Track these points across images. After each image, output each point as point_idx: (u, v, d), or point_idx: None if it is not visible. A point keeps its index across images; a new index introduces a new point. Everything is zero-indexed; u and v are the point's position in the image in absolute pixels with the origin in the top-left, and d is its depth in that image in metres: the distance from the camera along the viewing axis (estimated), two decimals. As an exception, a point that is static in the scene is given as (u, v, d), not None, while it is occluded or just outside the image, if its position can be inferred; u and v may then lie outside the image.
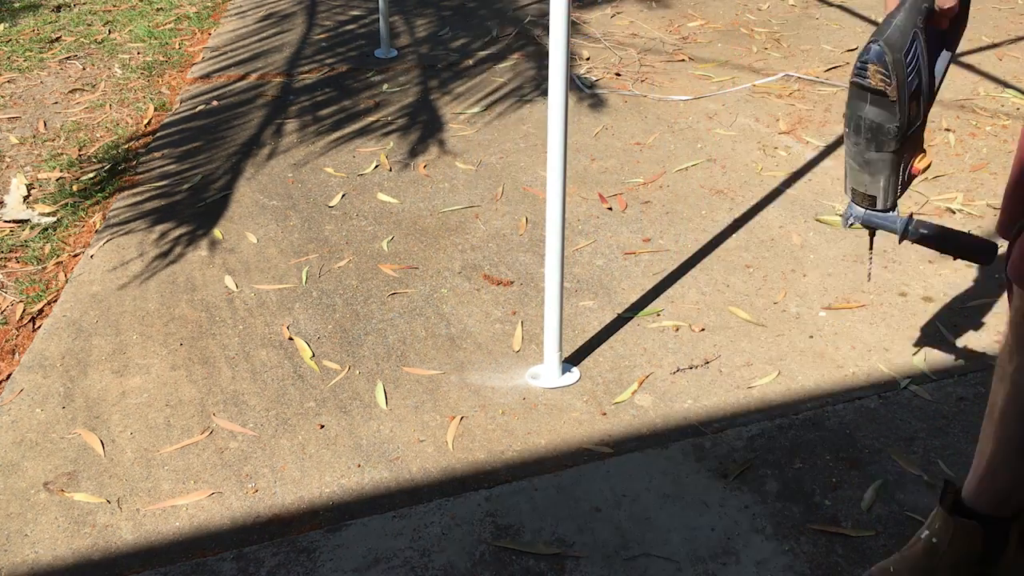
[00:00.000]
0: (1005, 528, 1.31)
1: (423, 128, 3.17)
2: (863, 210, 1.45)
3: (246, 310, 2.26)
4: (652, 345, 2.10)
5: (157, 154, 3.03)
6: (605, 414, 1.91)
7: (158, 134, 3.16)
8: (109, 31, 4.13)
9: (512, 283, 2.34)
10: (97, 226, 2.63)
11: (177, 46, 3.96)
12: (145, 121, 3.26)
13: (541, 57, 3.73)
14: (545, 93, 3.39)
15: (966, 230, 2.49)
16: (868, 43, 1.33)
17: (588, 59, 3.71)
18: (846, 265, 2.36)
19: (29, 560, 1.62)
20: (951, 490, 1.32)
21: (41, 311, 2.29)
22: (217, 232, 2.58)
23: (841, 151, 2.91)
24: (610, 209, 2.65)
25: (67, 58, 3.82)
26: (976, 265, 2.34)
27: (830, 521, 1.63)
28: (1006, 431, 1.24)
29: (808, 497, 1.69)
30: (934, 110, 3.14)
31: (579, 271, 2.37)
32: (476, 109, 3.29)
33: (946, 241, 1.42)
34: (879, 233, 1.54)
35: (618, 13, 4.23)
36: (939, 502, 1.35)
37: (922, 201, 2.63)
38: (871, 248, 1.59)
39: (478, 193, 2.75)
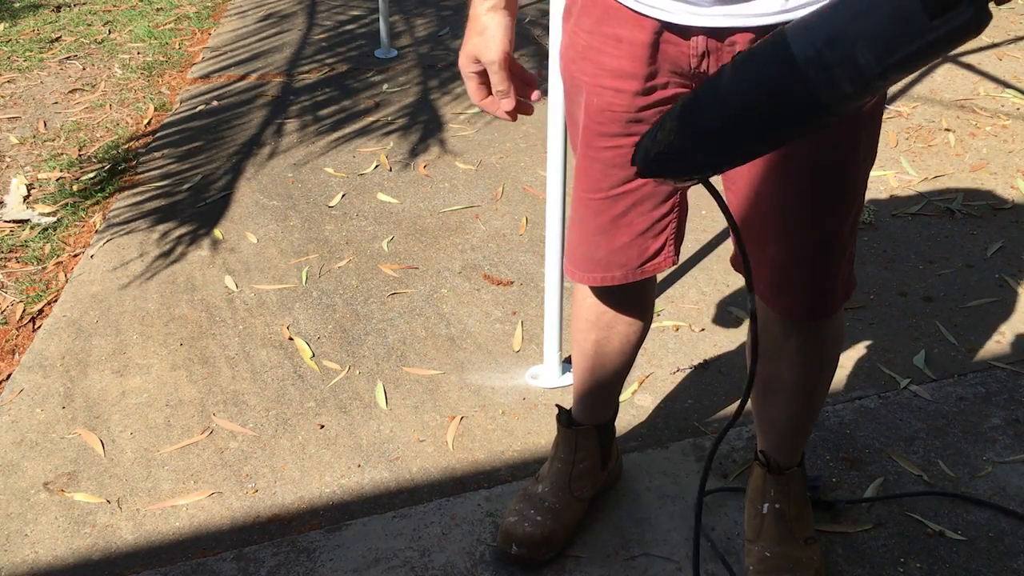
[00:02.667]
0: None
1: (423, 128, 3.17)
2: None
3: (246, 310, 2.26)
4: (652, 345, 2.10)
5: (157, 154, 3.03)
6: (605, 414, 1.91)
7: (158, 134, 3.16)
8: (109, 31, 4.13)
9: (512, 283, 2.34)
10: (97, 226, 2.63)
11: (177, 46, 3.96)
12: (145, 121, 3.27)
13: (541, 57, 3.73)
14: (545, 93, 3.39)
15: (968, 232, 2.49)
16: None
17: (588, 59, 3.71)
18: (846, 265, 2.37)
19: (29, 560, 1.63)
20: (563, 411, 1.62)
21: (41, 311, 2.29)
22: (217, 232, 2.58)
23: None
24: (610, 209, 2.65)
25: (67, 58, 3.82)
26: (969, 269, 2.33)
27: (830, 521, 1.63)
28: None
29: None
30: (934, 110, 3.14)
31: (579, 271, 2.37)
32: (476, 109, 3.29)
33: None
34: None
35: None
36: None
37: (922, 201, 2.63)
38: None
39: (478, 193, 2.75)
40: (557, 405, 1.62)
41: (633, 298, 1.46)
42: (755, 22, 1.08)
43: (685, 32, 1.12)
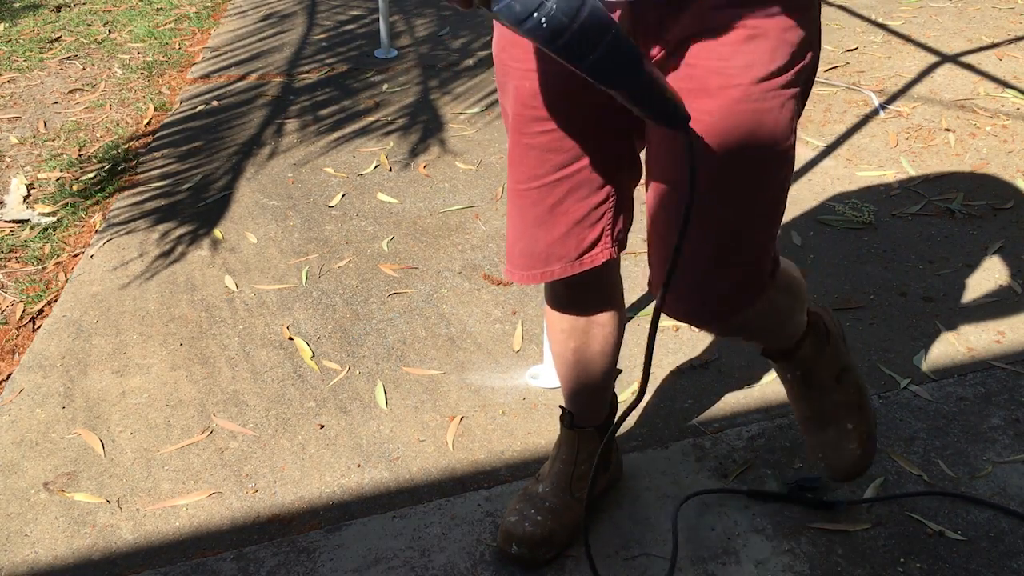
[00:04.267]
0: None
1: (423, 128, 3.17)
2: None
3: (246, 310, 2.26)
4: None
5: (157, 154, 3.03)
6: (605, 414, 1.91)
7: (158, 134, 3.16)
8: (109, 31, 4.13)
9: (512, 283, 2.34)
10: (97, 226, 2.63)
11: (177, 46, 3.96)
12: (145, 121, 3.27)
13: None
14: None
15: (968, 232, 2.49)
16: None
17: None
18: (846, 265, 2.36)
19: (29, 560, 1.63)
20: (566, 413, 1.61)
21: (41, 311, 2.29)
22: (217, 232, 2.58)
23: (841, 151, 2.92)
24: (610, 209, 2.65)
25: (67, 58, 3.82)
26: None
27: (830, 521, 1.63)
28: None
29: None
30: (934, 110, 3.14)
31: (579, 271, 2.37)
32: (476, 109, 3.30)
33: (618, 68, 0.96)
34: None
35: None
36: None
37: (922, 201, 2.63)
38: None
39: (478, 193, 2.75)
40: (561, 406, 1.61)
41: (600, 297, 1.46)
42: None
43: (609, 6, 1.12)
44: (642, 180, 1.38)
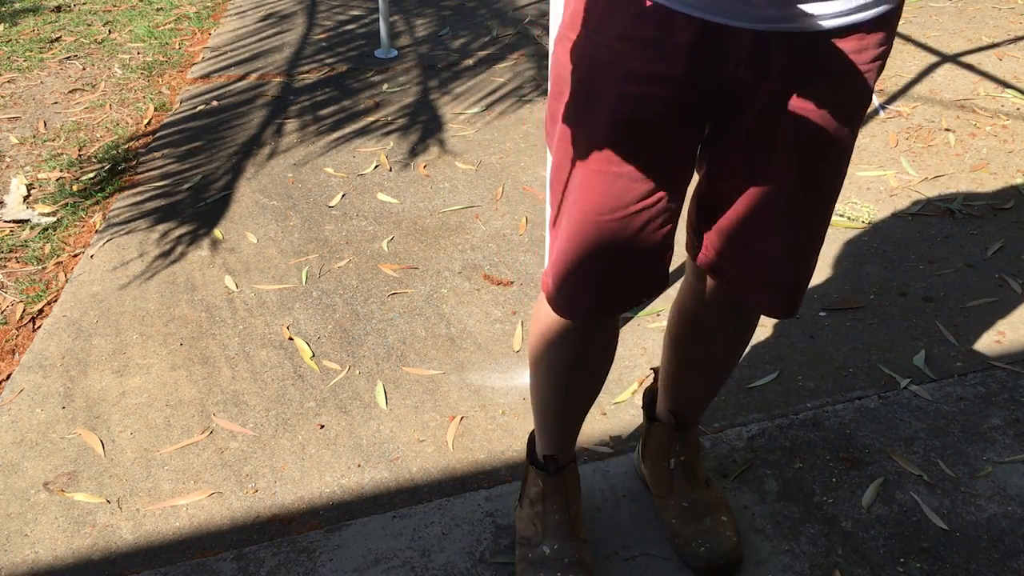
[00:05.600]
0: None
1: (423, 128, 3.17)
2: None
3: (246, 310, 2.26)
4: (652, 345, 2.10)
5: (157, 154, 3.03)
6: (605, 414, 1.91)
7: (158, 134, 3.16)
8: (109, 31, 4.13)
9: (512, 283, 2.34)
10: (97, 226, 2.63)
11: (177, 46, 3.96)
12: (145, 121, 3.27)
13: (541, 57, 3.73)
14: (545, 93, 3.39)
15: (968, 232, 2.49)
16: None
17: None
18: (846, 265, 2.37)
19: (29, 560, 1.63)
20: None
21: (41, 311, 2.29)
22: (217, 232, 2.58)
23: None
24: (610, 209, 2.64)
25: (67, 58, 3.82)
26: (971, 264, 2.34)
27: (830, 521, 1.63)
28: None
29: (808, 497, 1.69)
30: (934, 110, 3.14)
31: (579, 271, 2.37)
32: (476, 109, 3.30)
33: None
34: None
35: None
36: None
37: (922, 201, 2.63)
38: None
39: (478, 193, 2.75)
40: (545, 456, 1.52)
41: (617, 321, 1.39)
42: (806, 26, 1.04)
43: (728, 35, 1.06)
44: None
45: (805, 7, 1.03)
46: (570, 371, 1.39)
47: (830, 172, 1.18)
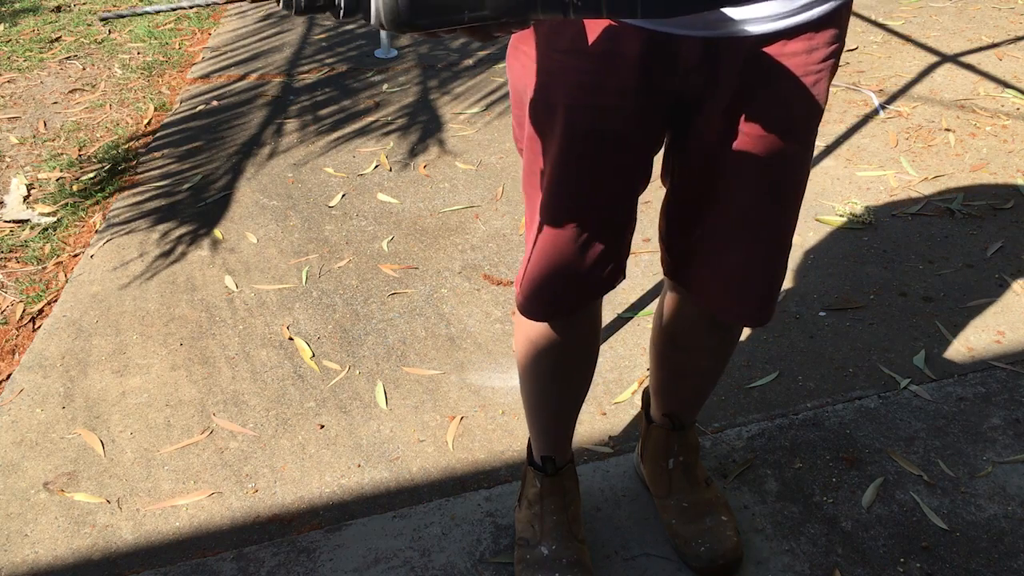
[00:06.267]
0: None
1: (423, 128, 3.17)
2: None
3: (246, 310, 2.26)
4: (652, 345, 2.10)
5: (157, 154, 3.03)
6: (605, 414, 1.91)
7: (158, 134, 3.16)
8: (109, 31, 4.13)
9: (512, 283, 2.34)
10: (97, 226, 2.63)
11: (177, 46, 3.96)
12: (145, 121, 3.27)
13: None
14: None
15: (968, 232, 2.49)
16: None
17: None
18: (846, 265, 2.37)
19: (29, 560, 1.63)
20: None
21: (41, 311, 2.29)
22: (217, 232, 2.58)
23: (841, 151, 2.92)
24: (610, 209, 2.64)
25: (67, 58, 3.82)
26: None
27: (830, 521, 1.63)
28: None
29: (808, 497, 1.69)
30: (934, 110, 3.14)
31: (579, 271, 2.37)
32: (476, 109, 3.30)
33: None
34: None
35: (618, 13, 4.23)
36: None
37: (922, 201, 2.63)
38: None
39: (478, 193, 2.75)
40: (543, 457, 1.53)
41: (595, 318, 1.39)
42: (753, 29, 1.04)
43: (676, 44, 1.07)
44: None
45: (745, 11, 1.03)
46: (552, 372, 1.41)
47: (787, 182, 1.18)
